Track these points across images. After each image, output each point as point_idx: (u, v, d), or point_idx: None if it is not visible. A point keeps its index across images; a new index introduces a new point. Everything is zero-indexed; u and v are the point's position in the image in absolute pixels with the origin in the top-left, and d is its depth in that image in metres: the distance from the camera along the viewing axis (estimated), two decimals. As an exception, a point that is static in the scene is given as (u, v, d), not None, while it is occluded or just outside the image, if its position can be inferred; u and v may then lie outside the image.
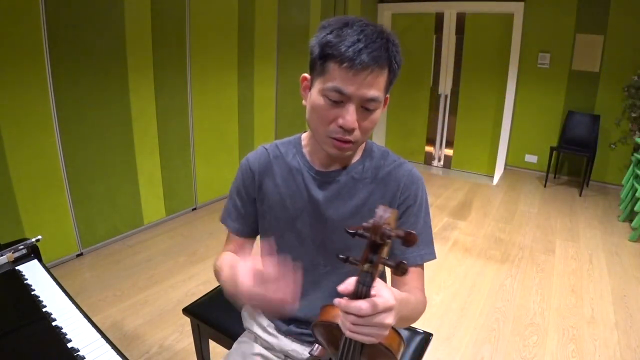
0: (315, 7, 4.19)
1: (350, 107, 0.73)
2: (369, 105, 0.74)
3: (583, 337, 2.02)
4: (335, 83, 0.72)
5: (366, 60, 0.69)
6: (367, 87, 0.71)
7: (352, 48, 0.69)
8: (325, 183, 0.87)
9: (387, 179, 0.86)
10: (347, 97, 0.72)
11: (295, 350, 0.95)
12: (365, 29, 0.71)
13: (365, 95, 0.72)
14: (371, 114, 0.75)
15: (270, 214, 0.92)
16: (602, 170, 4.39)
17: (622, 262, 2.78)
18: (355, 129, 0.75)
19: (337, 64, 0.71)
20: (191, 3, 2.98)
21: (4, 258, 1.06)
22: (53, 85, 2.27)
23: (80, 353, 0.78)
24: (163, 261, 2.61)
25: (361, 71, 0.70)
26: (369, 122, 0.76)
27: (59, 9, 2.24)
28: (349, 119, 0.73)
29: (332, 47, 0.71)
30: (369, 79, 0.71)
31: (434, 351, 1.89)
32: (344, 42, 0.70)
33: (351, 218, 0.85)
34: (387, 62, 0.73)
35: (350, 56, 0.69)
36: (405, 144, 5.42)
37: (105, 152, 2.64)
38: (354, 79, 0.70)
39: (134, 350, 1.83)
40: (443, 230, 3.24)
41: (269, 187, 0.91)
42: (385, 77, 0.74)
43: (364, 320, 0.57)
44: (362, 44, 0.69)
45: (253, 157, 0.94)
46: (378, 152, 0.90)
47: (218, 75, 3.35)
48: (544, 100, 4.53)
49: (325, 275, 0.91)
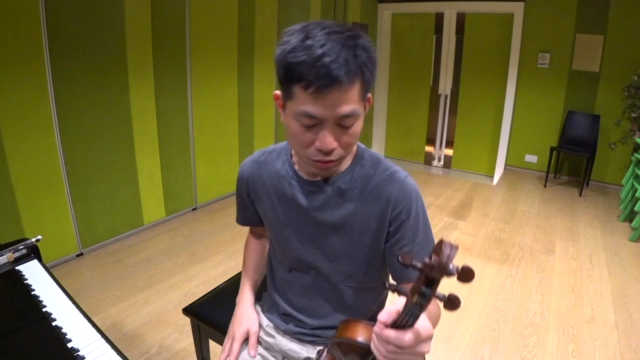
0: (315, 7, 4.19)
1: (325, 128, 0.69)
2: (345, 122, 0.69)
3: (583, 337, 2.02)
4: (305, 108, 0.67)
5: (333, 79, 0.63)
6: (339, 105, 0.66)
7: (314, 70, 0.62)
8: (313, 192, 0.85)
9: (377, 192, 0.82)
10: (320, 120, 0.68)
11: (292, 350, 0.96)
12: (328, 40, 0.63)
13: (339, 114, 0.67)
14: (350, 128, 0.71)
15: (266, 220, 0.96)
16: (602, 170, 4.39)
17: (622, 262, 2.78)
18: (335, 149, 0.71)
19: (302, 88, 0.65)
20: (191, 3, 2.98)
21: (4, 258, 1.06)
22: (53, 85, 2.27)
23: (80, 353, 0.78)
24: (163, 261, 2.61)
25: (329, 92, 0.64)
26: (349, 137, 0.72)
27: (59, 9, 2.24)
28: (325, 142, 0.69)
29: (294, 71, 0.64)
30: (340, 97, 0.65)
31: (434, 351, 1.89)
32: (305, 63, 0.63)
33: (339, 228, 0.85)
34: (357, 72, 0.66)
35: (313, 80, 0.63)
36: (405, 144, 5.42)
37: (105, 152, 2.64)
38: (323, 101, 0.65)
39: (134, 350, 1.83)
40: (443, 230, 3.24)
41: (262, 194, 0.93)
42: (358, 88, 0.68)
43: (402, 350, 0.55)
44: (327, 59, 0.62)
45: (247, 164, 0.97)
46: (369, 160, 0.85)
47: (218, 75, 3.35)
48: (544, 100, 4.53)
49: (320, 278, 0.91)
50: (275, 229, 0.93)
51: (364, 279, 0.89)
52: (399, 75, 5.29)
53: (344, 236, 0.85)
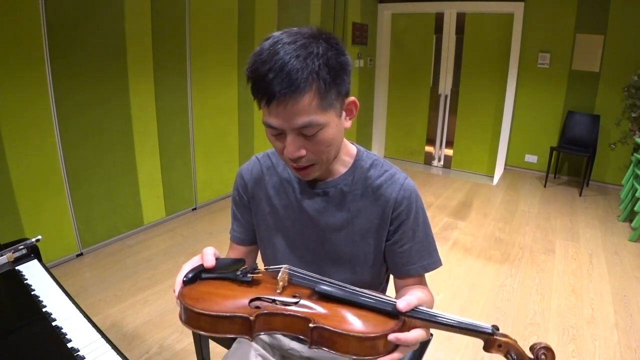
0: (315, 7, 4.19)
1: (289, 137, 0.71)
2: (306, 132, 0.70)
3: (583, 337, 2.02)
4: (266, 119, 0.71)
5: (277, 92, 0.65)
6: (293, 117, 0.68)
7: (262, 86, 0.66)
8: (315, 195, 0.86)
9: (377, 193, 0.84)
10: (281, 130, 0.71)
11: (293, 349, 0.96)
12: (279, 52, 0.66)
13: (294, 125, 0.69)
14: (315, 136, 0.71)
15: (263, 225, 0.93)
16: (602, 170, 4.39)
17: (622, 262, 2.78)
18: (301, 157, 0.73)
19: (259, 101, 0.70)
20: (191, 3, 2.98)
21: (4, 258, 1.06)
22: (53, 84, 2.27)
23: (80, 353, 0.78)
24: (163, 261, 2.61)
25: (279, 105, 0.67)
26: (316, 145, 0.72)
27: (59, 9, 2.24)
28: (289, 150, 0.72)
29: (251, 86, 0.69)
30: (291, 107, 0.67)
31: (434, 351, 1.89)
32: (256, 79, 0.67)
33: (341, 230, 0.86)
34: (306, 82, 0.65)
35: (262, 93, 0.67)
36: (405, 144, 5.42)
37: (105, 152, 2.64)
38: (277, 112, 0.68)
39: (134, 350, 1.83)
40: (443, 230, 3.24)
41: (261, 198, 0.92)
42: (310, 99, 0.67)
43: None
44: (271, 75, 0.65)
45: (246, 169, 0.95)
46: (368, 162, 0.87)
47: (218, 75, 3.35)
48: (543, 100, 4.53)
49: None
50: (272, 235, 0.92)
51: (366, 278, 0.89)
52: (399, 75, 5.29)
53: (347, 237, 0.86)
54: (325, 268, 0.89)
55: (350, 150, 0.88)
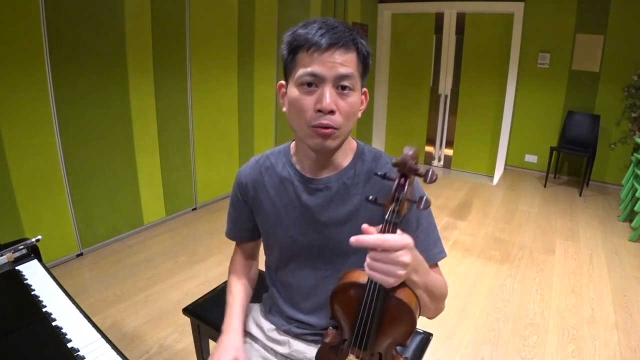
0: (315, 7, 4.19)
1: (326, 88, 0.74)
2: (344, 82, 0.74)
3: (583, 337, 2.02)
4: (307, 69, 0.74)
5: (331, 40, 0.73)
6: (339, 65, 0.73)
7: (316, 34, 0.73)
8: (317, 190, 0.86)
9: (380, 184, 0.83)
10: (320, 79, 0.74)
11: (297, 350, 0.95)
12: (327, 21, 0.76)
13: (338, 73, 0.73)
14: (348, 95, 0.76)
15: (266, 224, 0.94)
16: (602, 170, 4.39)
17: (622, 262, 2.78)
18: (334, 111, 0.75)
19: (305, 51, 0.74)
20: (191, 3, 2.98)
21: (4, 258, 1.06)
22: (53, 85, 2.27)
23: (80, 353, 0.78)
24: (163, 261, 2.61)
25: (327, 50, 0.73)
26: (347, 105, 0.76)
27: (59, 9, 2.24)
28: (326, 100, 0.73)
29: (297, 40, 0.75)
30: (338, 57, 0.73)
31: (434, 351, 1.89)
32: (307, 32, 0.74)
33: (345, 223, 0.85)
34: (352, 43, 0.75)
35: (315, 40, 0.73)
36: (405, 144, 5.37)
37: (105, 152, 2.64)
38: (323, 59, 0.73)
39: (134, 350, 1.83)
40: (443, 230, 3.24)
41: (262, 199, 0.93)
42: (354, 57, 0.76)
43: (383, 256, 0.62)
44: (324, 29, 0.74)
45: (245, 171, 0.95)
46: (370, 155, 0.88)
47: (218, 75, 3.35)
48: (543, 100, 4.53)
49: (326, 279, 0.91)
50: (277, 235, 0.92)
51: None
52: (399, 75, 5.29)
53: (351, 231, 0.84)
54: (331, 262, 0.89)
55: (352, 143, 0.89)
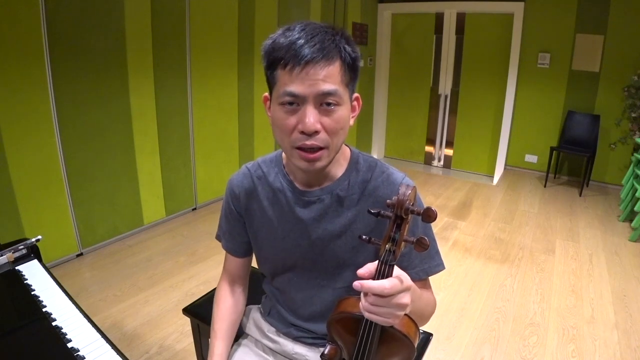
0: (315, 7, 4.19)
1: (307, 108, 0.69)
2: (327, 100, 0.69)
3: (583, 337, 2.02)
4: (286, 87, 0.68)
5: (308, 55, 0.66)
6: (318, 82, 0.67)
7: (291, 48, 0.67)
8: (310, 203, 0.83)
9: (375, 194, 0.81)
10: (301, 99, 0.68)
11: (298, 353, 0.94)
12: (306, 28, 0.69)
13: (319, 90, 0.68)
14: (334, 111, 0.70)
15: (260, 235, 0.90)
16: (602, 170, 4.39)
17: (622, 262, 2.78)
18: (318, 132, 0.70)
19: (282, 68, 0.69)
20: (191, 3, 2.98)
21: (4, 258, 1.06)
22: (53, 84, 2.27)
23: (80, 353, 0.78)
24: (163, 261, 2.61)
25: (306, 67, 0.67)
26: (332, 122, 0.70)
27: (59, 9, 2.24)
28: (307, 121, 0.68)
29: (273, 54, 0.69)
30: (319, 72, 0.67)
31: (434, 351, 1.89)
32: (284, 46, 0.68)
33: (340, 237, 0.83)
34: (335, 52, 0.68)
35: (292, 54, 0.67)
36: (405, 144, 5.42)
37: (105, 152, 2.64)
38: (302, 77, 0.67)
39: (134, 350, 1.83)
40: (443, 230, 3.24)
41: (255, 209, 0.89)
42: (337, 69, 0.69)
43: (384, 301, 0.59)
44: (302, 41, 0.67)
45: (237, 180, 0.91)
46: (364, 165, 0.84)
47: (218, 75, 3.35)
48: (543, 100, 4.53)
49: (322, 290, 0.89)
50: (271, 245, 0.89)
51: None
52: (399, 75, 5.29)
53: (346, 244, 0.83)
54: (326, 276, 0.87)
55: (345, 152, 0.85)
